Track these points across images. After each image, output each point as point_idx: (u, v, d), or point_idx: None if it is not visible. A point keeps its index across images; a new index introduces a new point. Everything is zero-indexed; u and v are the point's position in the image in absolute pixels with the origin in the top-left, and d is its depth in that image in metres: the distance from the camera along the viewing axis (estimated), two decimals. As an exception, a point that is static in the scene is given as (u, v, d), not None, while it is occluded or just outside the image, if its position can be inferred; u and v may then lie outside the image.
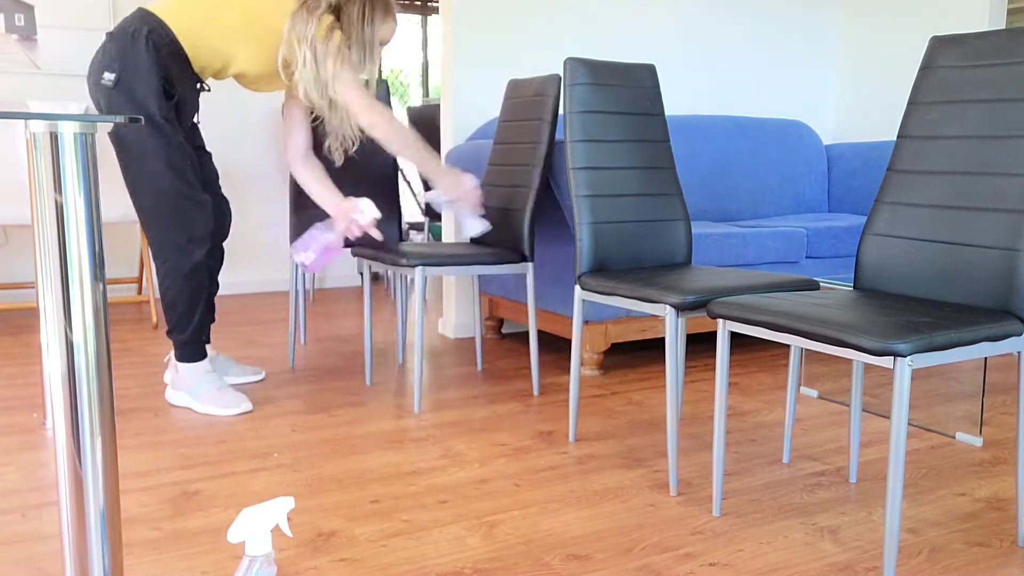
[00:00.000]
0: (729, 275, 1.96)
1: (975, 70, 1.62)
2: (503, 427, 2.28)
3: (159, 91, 2.19)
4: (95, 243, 1.05)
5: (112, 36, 2.20)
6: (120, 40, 2.18)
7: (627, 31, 3.70)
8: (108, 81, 2.16)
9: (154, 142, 2.20)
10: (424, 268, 2.35)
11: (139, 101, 2.17)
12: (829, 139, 4.37)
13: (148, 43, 2.17)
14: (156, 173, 2.22)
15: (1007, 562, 1.52)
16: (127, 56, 2.16)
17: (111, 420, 1.10)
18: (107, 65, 2.17)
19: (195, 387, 2.40)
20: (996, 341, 1.45)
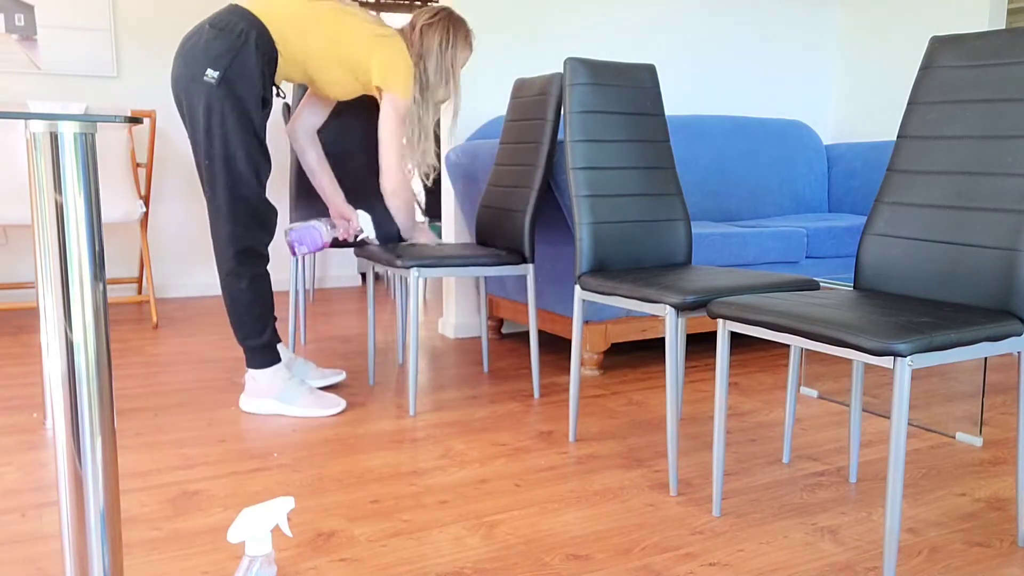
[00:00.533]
0: (729, 275, 1.96)
1: (975, 70, 1.62)
2: (503, 427, 2.28)
3: (259, 96, 2.20)
4: (95, 243, 1.05)
5: (218, 32, 2.14)
6: (227, 39, 2.14)
7: (627, 31, 3.70)
8: (211, 78, 2.12)
9: (247, 146, 2.20)
10: (420, 270, 2.35)
11: (240, 103, 2.16)
12: (829, 139, 4.37)
13: (256, 47, 2.16)
14: (242, 175, 2.21)
15: (1007, 562, 1.52)
16: (235, 56, 2.14)
17: (111, 420, 1.10)
18: (212, 61, 2.13)
19: (284, 392, 2.36)
20: (996, 341, 1.45)
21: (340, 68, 2.31)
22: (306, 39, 2.25)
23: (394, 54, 2.31)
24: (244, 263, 2.27)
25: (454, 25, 2.45)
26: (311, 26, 2.25)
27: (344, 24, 2.28)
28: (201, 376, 2.79)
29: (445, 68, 2.45)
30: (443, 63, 2.44)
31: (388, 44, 2.31)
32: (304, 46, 2.26)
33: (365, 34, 2.29)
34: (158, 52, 4.27)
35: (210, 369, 2.88)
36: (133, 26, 4.21)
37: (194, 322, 3.74)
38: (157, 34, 4.26)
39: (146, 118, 4.11)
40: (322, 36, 2.27)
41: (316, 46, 2.27)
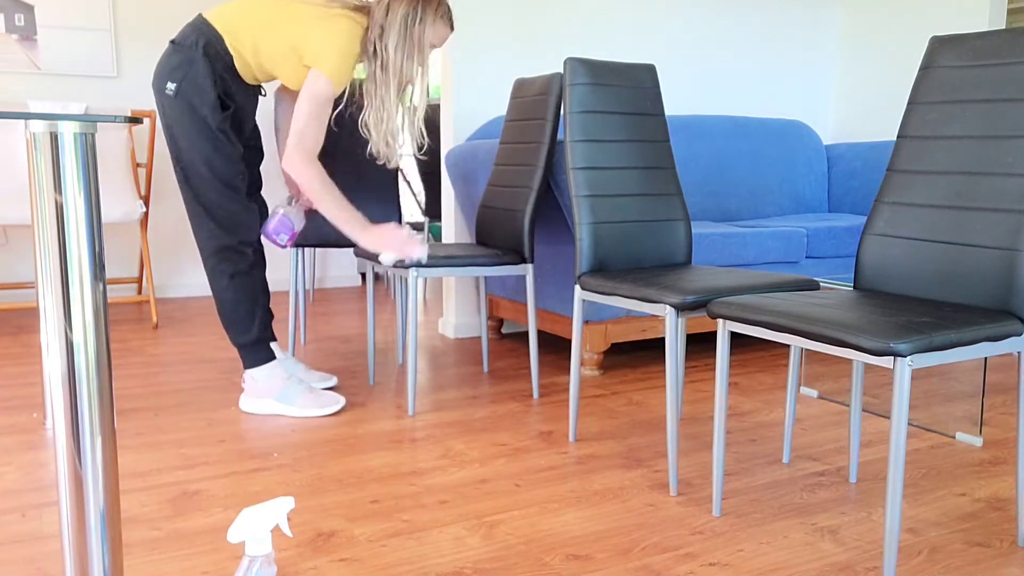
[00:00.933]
0: (729, 275, 1.96)
1: (975, 70, 1.62)
2: (503, 427, 2.28)
3: (215, 103, 2.24)
4: (95, 243, 1.05)
5: (175, 46, 2.25)
6: (181, 51, 2.23)
7: (627, 31, 3.70)
8: (170, 91, 2.23)
9: (207, 151, 2.26)
10: (419, 269, 2.35)
11: (197, 112, 2.24)
12: (829, 139, 4.37)
13: (205, 56, 2.22)
14: (204, 178, 2.28)
15: (1007, 562, 1.52)
16: (187, 68, 2.22)
17: (111, 420, 1.10)
18: (169, 75, 2.23)
19: (283, 392, 2.37)
20: (996, 341, 1.45)
21: (289, 60, 2.26)
22: (255, 39, 2.25)
23: (329, 33, 2.20)
24: (223, 262, 2.31)
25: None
26: (260, 25, 2.25)
27: (288, 14, 2.24)
28: (201, 376, 2.79)
29: (410, 44, 2.25)
30: (407, 38, 2.24)
31: (326, 23, 2.20)
32: (254, 46, 2.26)
33: (307, 17, 2.22)
34: (158, 52, 4.27)
35: (210, 369, 2.88)
36: (133, 26, 4.21)
37: (194, 322, 3.74)
38: (157, 34, 4.26)
39: (146, 118, 4.11)
40: (271, 32, 2.24)
41: (266, 43, 2.25)
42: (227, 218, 2.30)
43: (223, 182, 2.28)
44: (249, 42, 2.25)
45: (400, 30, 2.24)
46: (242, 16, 2.26)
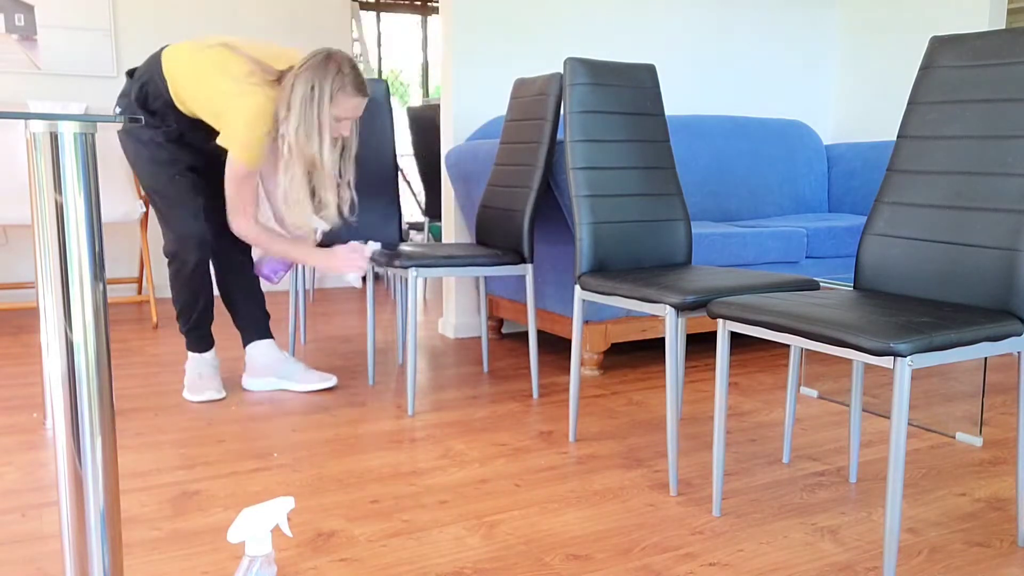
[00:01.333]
0: (729, 275, 1.96)
1: (975, 70, 1.62)
2: (503, 427, 2.28)
3: (148, 121, 2.41)
4: (95, 243, 1.05)
5: (128, 80, 2.45)
6: (128, 83, 2.45)
7: (627, 31, 3.70)
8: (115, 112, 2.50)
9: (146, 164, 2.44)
10: (419, 269, 2.35)
11: (133, 133, 2.43)
12: (829, 139, 4.37)
13: (142, 92, 2.39)
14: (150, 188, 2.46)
15: (1007, 562, 1.52)
16: (128, 98, 2.41)
17: (111, 420, 1.10)
18: (117, 102, 2.46)
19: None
20: (996, 341, 1.45)
21: (215, 121, 2.36)
22: (188, 90, 2.36)
23: (237, 114, 2.26)
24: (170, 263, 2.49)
25: (322, 72, 2.24)
26: (194, 79, 2.34)
27: (216, 78, 2.30)
28: (201, 376, 2.79)
29: (309, 124, 2.24)
30: (306, 119, 2.23)
31: (235, 102, 2.26)
32: (190, 97, 2.36)
33: (223, 92, 2.28)
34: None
35: (210, 369, 2.88)
36: (133, 26, 4.21)
37: (194, 322, 3.74)
38: (157, 34, 4.26)
39: (146, 118, 4.11)
40: (199, 90, 2.33)
41: (193, 99, 2.36)
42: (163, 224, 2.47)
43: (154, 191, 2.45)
44: (184, 93, 2.37)
45: (300, 111, 2.24)
46: (185, 66, 2.36)
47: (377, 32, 6.27)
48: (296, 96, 2.23)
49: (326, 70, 2.25)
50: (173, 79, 2.36)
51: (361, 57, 5.46)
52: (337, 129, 2.33)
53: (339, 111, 2.29)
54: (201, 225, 2.43)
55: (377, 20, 6.24)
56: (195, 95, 2.34)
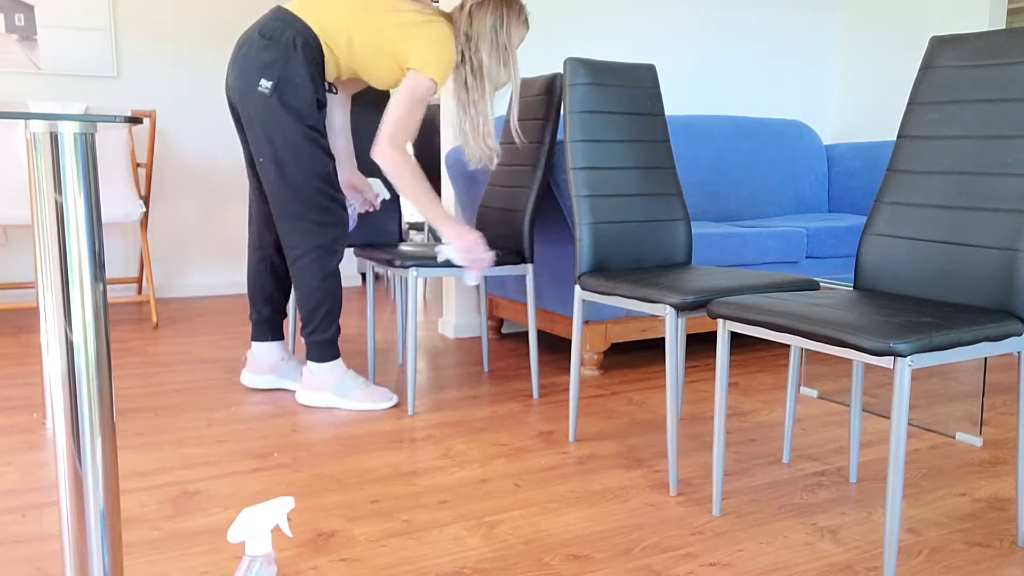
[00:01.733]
0: (729, 275, 1.96)
1: (975, 70, 1.62)
2: (503, 427, 2.28)
3: (313, 101, 2.25)
4: (95, 243, 1.05)
5: (268, 42, 2.22)
6: (276, 48, 2.21)
7: (627, 31, 3.70)
8: (264, 88, 2.20)
9: (309, 149, 2.27)
10: (419, 269, 2.35)
11: (295, 109, 2.23)
12: (829, 139, 4.37)
13: (304, 55, 2.22)
14: (304, 177, 2.28)
15: (1007, 562, 1.52)
16: (283, 65, 2.21)
17: (111, 420, 1.10)
18: (262, 71, 2.20)
19: (340, 386, 2.42)
20: (996, 341, 1.45)
21: (384, 61, 2.28)
22: (350, 39, 2.26)
23: (431, 38, 2.23)
24: (315, 261, 2.34)
25: (507, 3, 2.32)
26: (353, 25, 2.25)
27: (383, 16, 2.25)
28: (201, 376, 2.79)
29: (500, 49, 2.31)
30: (498, 44, 2.30)
31: (426, 28, 2.24)
32: (348, 46, 2.27)
33: (404, 22, 2.24)
34: (158, 52, 4.27)
35: (210, 369, 2.89)
36: (133, 26, 4.21)
37: (194, 322, 3.74)
38: (157, 34, 4.26)
39: (146, 118, 4.11)
40: (364, 33, 2.25)
41: (360, 44, 2.26)
42: (324, 216, 2.31)
43: (321, 179, 2.29)
44: (344, 42, 2.25)
45: (490, 37, 2.29)
46: (337, 15, 2.24)
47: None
48: (485, 24, 2.28)
49: (511, 2, 2.32)
50: (329, 29, 2.23)
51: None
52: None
53: (519, 39, 2.36)
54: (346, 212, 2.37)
55: (377, 20, 6.23)
56: (360, 37, 2.24)
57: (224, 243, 4.55)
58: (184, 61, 4.33)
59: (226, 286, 4.58)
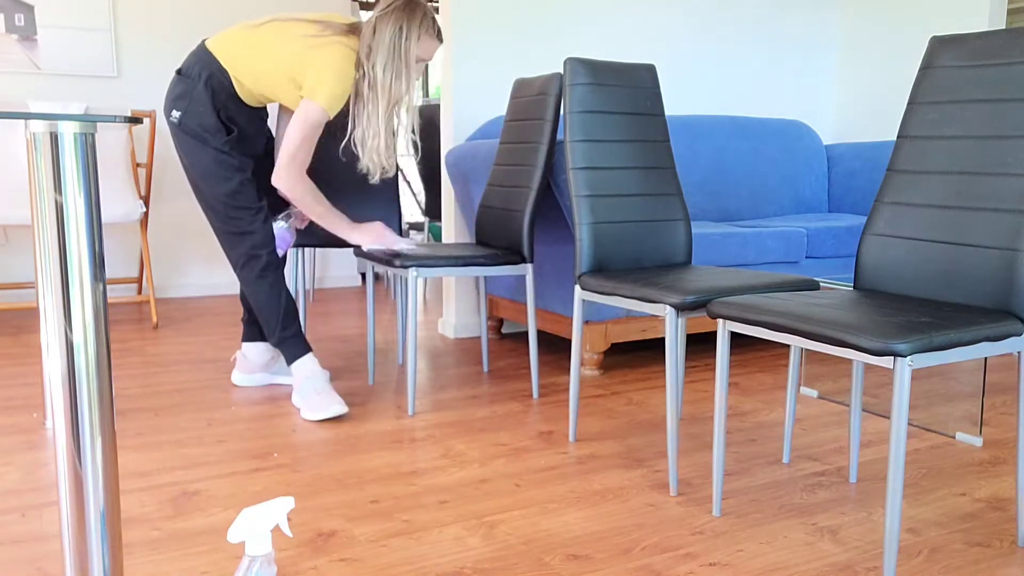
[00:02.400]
0: (729, 275, 1.96)
1: (975, 70, 1.62)
2: (503, 427, 2.28)
3: (217, 127, 2.36)
4: (95, 243, 1.05)
5: (179, 77, 2.37)
6: (185, 82, 2.36)
7: (627, 31, 3.70)
8: (174, 119, 2.36)
9: (216, 170, 2.38)
10: (419, 270, 2.35)
11: (200, 137, 2.36)
12: (829, 139, 4.37)
13: (208, 88, 2.34)
14: (216, 198, 2.39)
15: (1007, 562, 1.52)
16: (190, 97, 2.34)
17: (111, 420, 1.10)
18: (173, 104, 2.37)
19: (301, 388, 2.41)
20: (996, 341, 1.45)
21: (289, 88, 2.35)
22: (255, 67, 2.34)
23: (323, 63, 2.27)
24: (242, 268, 2.44)
25: (409, 14, 2.30)
26: (257, 54, 2.33)
27: (283, 43, 2.32)
28: (201, 376, 2.79)
29: (398, 63, 2.29)
30: (395, 57, 2.29)
31: (320, 52, 2.27)
32: (255, 75, 2.35)
33: (300, 48, 2.30)
34: (158, 52, 4.27)
35: (210, 369, 2.88)
36: (133, 26, 4.21)
37: (194, 322, 3.74)
38: (157, 34, 4.26)
39: (146, 118, 4.11)
40: (267, 60, 2.33)
41: (264, 72, 2.34)
42: (238, 226, 2.41)
43: (229, 195, 2.39)
44: (249, 73, 2.35)
45: (389, 49, 2.29)
46: (243, 47, 2.34)
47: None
48: (384, 36, 2.29)
49: (413, 12, 2.32)
50: (234, 62, 2.32)
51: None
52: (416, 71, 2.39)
53: (422, 52, 2.36)
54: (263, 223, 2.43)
55: (377, 20, 6.24)
56: (266, 68, 2.31)
57: (224, 243, 4.55)
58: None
59: (226, 286, 4.58)
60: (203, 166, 2.37)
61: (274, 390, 2.62)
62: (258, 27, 2.35)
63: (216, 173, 2.37)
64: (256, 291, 2.42)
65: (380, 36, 2.28)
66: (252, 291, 2.43)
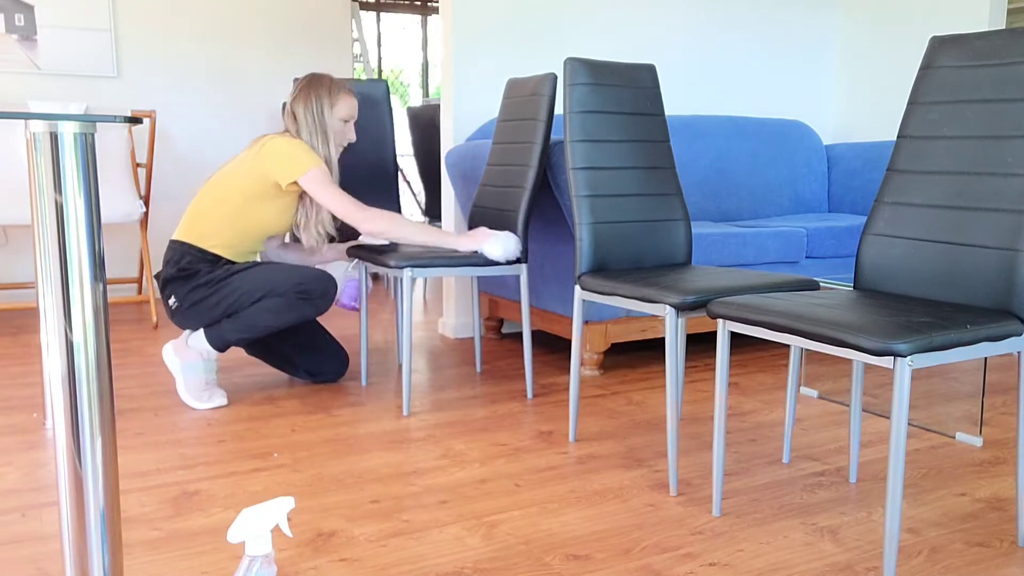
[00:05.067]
0: (729, 275, 1.96)
1: (975, 70, 1.62)
2: (503, 427, 2.28)
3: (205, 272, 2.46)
4: (95, 243, 1.05)
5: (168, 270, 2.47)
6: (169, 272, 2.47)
7: (627, 31, 3.70)
8: (173, 304, 2.48)
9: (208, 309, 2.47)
10: (413, 270, 2.35)
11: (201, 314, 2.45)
12: (829, 139, 4.37)
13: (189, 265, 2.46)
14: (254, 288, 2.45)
15: (1007, 562, 1.52)
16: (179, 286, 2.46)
17: (111, 420, 1.10)
18: (168, 294, 2.49)
19: (192, 365, 2.45)
20: (996, 341, 1.45)
21: (268, 203, 2.47)
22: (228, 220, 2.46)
23: (274, 152, 2.40)
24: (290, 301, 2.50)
25: (316, 87, 2.50)
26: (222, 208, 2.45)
27: (235, 178, 2.45)
28: (201, 376, 2.79)
29: (319, 129, 2.50)
30: (315, 124, 2.49)
31: (265, 153, 2.41)
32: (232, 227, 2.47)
33: (248, 166, 2.43)
34: (158, 52, 4.27)
35: (210, 369, 2.88)
36: (133, 26, 4.21)
37: (194, 322, 3.73)
38: (157, 34, 4.26)
39: (146, 118, 4.11)
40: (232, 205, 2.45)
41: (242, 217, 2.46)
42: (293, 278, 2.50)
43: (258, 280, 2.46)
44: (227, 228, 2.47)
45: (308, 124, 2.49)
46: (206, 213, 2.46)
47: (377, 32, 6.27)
48: (299, 113, 2.50)
49: (318, 83, 2.52)
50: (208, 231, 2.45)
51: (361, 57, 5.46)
52: (344, 134, 2.58)
53: (342, 112, 2.54)
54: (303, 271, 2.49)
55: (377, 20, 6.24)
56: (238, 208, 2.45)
57: (224, 243, 4.55)
58: (184, 61, 4.33)
59: (226, 286, 4.58)
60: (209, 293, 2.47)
61: (274, 390, 2.62)
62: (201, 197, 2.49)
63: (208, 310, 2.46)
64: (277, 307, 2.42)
65: (298, 115, 2.50)
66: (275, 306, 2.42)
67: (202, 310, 2.44)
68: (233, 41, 4.41)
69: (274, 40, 4.50)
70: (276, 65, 4.52)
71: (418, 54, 6.42)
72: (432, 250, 2.45)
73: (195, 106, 4.39)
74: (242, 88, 4.47)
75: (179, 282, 2.45)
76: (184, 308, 2.45)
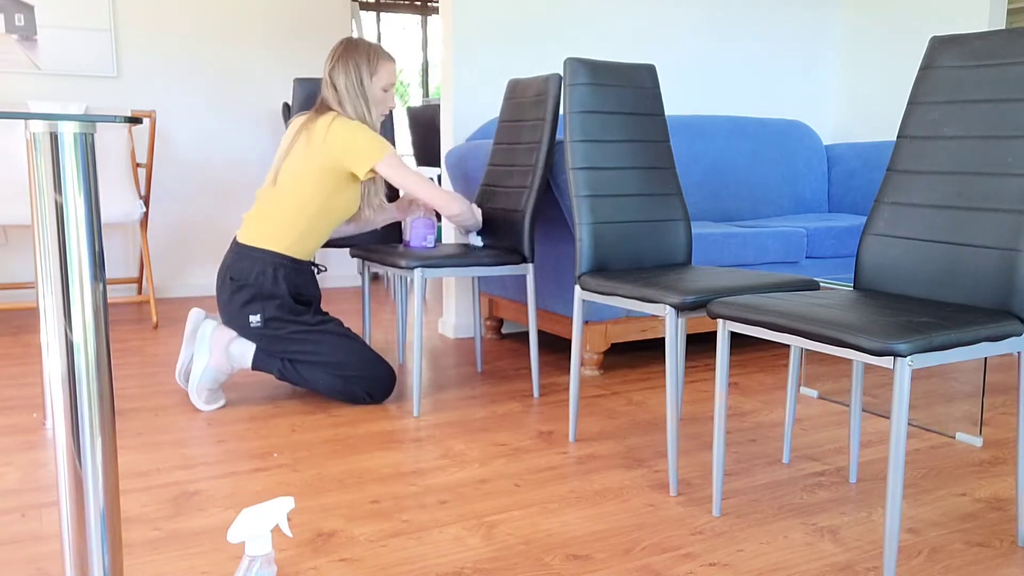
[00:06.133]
0: (729, 275, 1.96)
1: (975, 70, 1.62)
2: (503, 427, 2.28)
3: (295, 309, 2.40)
4: (95, 243, 1.05)
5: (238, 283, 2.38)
6: (256, 286, 2.38)
7: (627, 31, 3.70)
8: (257, 323, 2.38)
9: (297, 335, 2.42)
10: (423, 270, 2.35)
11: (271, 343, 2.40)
12: (829, 139, 4.37)
13: (274, 276, 2.39)
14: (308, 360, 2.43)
15: (1007, 562, 1.52)
16: (266, 299, 2.38)
17: (111, 420, 1.10)
18: (251, 310, 2.38)
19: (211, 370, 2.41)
20: (996, 341, 1.45)
21: (341, 193, 2.42)
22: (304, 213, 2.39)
23: (344, 141, 2.34)
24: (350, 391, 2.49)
25: (351, 56, 2.42)
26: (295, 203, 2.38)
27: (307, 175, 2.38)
28: (201, 376, 2.79)
29: (362, 99, 2.42)
30: (358, 96, 2.42)
31: (332, 142, 2.34)
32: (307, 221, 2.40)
33: (317, 161, 2.36)
34: (158, 52, 4.27)
35: (210, 369, 2.88)
36: (133, 26, 4.21)
37: (194, 322, 3.73)
38: (157, 34, 4.26)
39: (146, 118, 4.11)
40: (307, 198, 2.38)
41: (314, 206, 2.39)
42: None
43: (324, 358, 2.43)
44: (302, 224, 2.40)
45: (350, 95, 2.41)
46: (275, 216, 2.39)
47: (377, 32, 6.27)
48: (340, 84, 2.41)
49: (355, 50, 2.42)
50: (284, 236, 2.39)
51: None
52: (385, 102, 2.49)
53: (383, 80, 2.46)
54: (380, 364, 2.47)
55: (377, 20, 6.24)
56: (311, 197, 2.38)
57: (224, 243, 4.55)
58: (184, 61, 4.33)
59: (226, 286, 4.58)
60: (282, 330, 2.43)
61: (274, 390, 2.62)
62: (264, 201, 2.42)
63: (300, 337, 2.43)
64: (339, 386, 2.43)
65: (340, 87, 2.41)
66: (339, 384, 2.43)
67: (275, 342, 2.38)
68: (233, 41, 4.41)
69: (274, 40, 4.50)
70: (276, 65, 4.52)
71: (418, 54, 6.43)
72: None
73: (195, 106, 4.39)
74: (242, 88, 4.47)
75: (268, 304, 2.37)
76: (261, 329, 2.37)
